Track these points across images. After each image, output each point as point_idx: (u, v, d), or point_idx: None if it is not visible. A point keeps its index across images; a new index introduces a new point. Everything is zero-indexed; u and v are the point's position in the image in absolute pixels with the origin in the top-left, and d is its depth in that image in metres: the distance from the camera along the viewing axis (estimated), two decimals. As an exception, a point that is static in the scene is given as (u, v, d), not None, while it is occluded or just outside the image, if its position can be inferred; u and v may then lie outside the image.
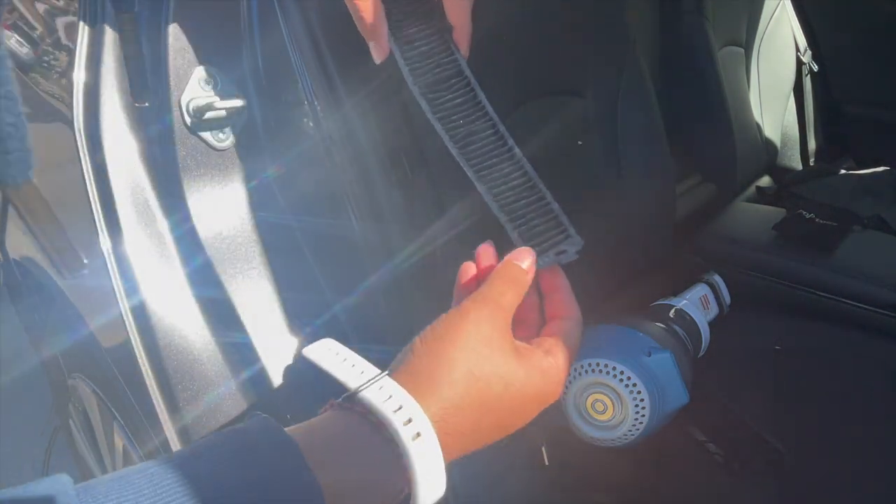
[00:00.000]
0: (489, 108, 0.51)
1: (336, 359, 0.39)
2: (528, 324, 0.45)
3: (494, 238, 0.48)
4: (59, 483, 0.27)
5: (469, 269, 0.45)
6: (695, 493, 0.76)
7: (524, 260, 0.43)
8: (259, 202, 0.66)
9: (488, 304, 0.39)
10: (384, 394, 0.35)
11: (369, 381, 0.36)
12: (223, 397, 0.62)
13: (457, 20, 0.51)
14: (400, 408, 0.34)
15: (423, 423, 0.34)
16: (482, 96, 0.51)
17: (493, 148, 0.50)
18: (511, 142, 0.50)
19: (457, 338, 0.37)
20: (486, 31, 0.78)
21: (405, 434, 0.33)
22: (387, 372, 0.37)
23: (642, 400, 0.71)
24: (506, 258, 0.43)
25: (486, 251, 0.45)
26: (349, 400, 0.36)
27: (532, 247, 0.45)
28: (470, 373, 0.36)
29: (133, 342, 0.62)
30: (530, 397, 0.39)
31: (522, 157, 0.50)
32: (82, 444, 1.15)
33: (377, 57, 0.50)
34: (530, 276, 0.43)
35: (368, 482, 0.33)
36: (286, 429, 0.33)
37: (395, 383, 0.35)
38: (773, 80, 1.67)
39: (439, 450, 0.34)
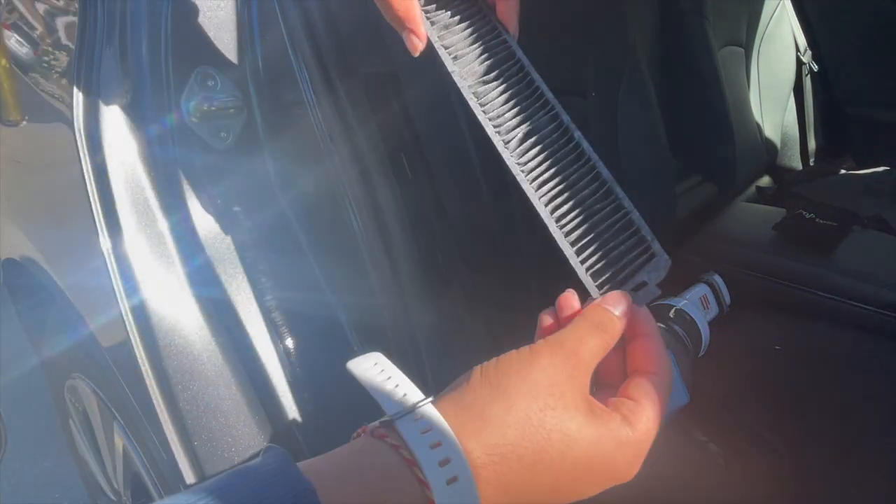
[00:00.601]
0: (549, 96, 0.42)
1: (380, 376, 0.35)
2: (611, 387, 0.38)
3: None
4: None
5: (546, 320, 0.40)
6: (695, 493, 0.76)
7: (617, 306, 0.37)
8: (259, 202, 0.66)
9: (564, 349, 0.34)
10: (422, 425, 0.30)
11: (408, 407, 0.31)
12: (223, 397, 0.62)
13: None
14: (438, 444, 0.29)
15: (462, 466, 0.29)
16: (540, 82, 0.43)
17: (557, 149, 0.41)
18: (578, 135, 0.41)
19: (522, 378, 0.32)
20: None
21: (438, 477, 0.28)
22: (431, 399, 0.32)
23: (642, 400, 0.71)
24: (596, 301, 0.37)
25: (567, 300, 0.39)
26: (384, 427, 0.31)
27: (609, 279, 0.38)
28: (528, 420, 0.31)
29: (133, 342, 0.62)
30: (597, 467, 0.33)
31: (593, 154, 0.41)
32: (82, 444, 1.15)
33: (414, 48, 0.42)
34: (621, 327, 0.36)
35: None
36: (307, 462, 0.29)
37: (438, 414, 0.31)
38: (773, 80, 1.67)
39: (477, 500, 0.29)
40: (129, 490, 0.99)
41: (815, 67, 1.74)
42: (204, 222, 0.63)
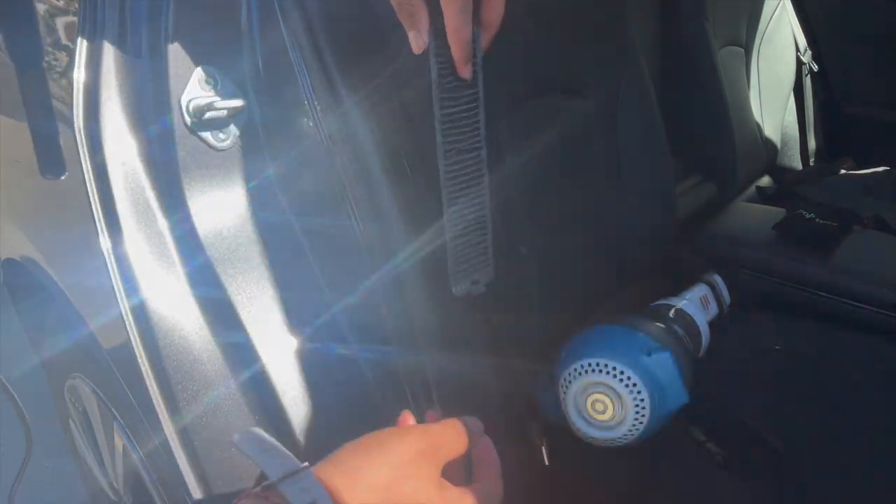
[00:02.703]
0: (482, 130, 0.51)
1: (261, 448, 0.39)
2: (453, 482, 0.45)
3: None
4: None
5: (407, 418, 0.49)
6: (695, 493, 0.76)
7: (476, 428, 0.45)
8: (259, 202, 0.66)
9: (429, 438, 0.41)
10: (303, 485, 0.35)
11: (289, 471, 0.36)
12: (223, 397, 0.62)
13: (489, 18, 0.49)
14: (313, 501, 0.34)
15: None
16: (482, 115, 0.51)
17: (471, 172, 0.51)
18: (485, 169, 0.51)
19: (391, 449, 0.39)
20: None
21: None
22: (309, 465, 0.37)
23: (642, 400, 0.71)
24: (463, 418, 0.45)
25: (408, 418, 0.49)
26: (267, 489, 0.36)
27: (455, 269, 0.47)
28: (392, 485, 0.37)
29: (133, 342, 0.62)
30: None
31: (487, 186, 0.51)
32: (82, 444, 1.15)
33: (416, 47, 0.48)
34: (473, 442, 0.45)
35: None
36: None
37: (314, 479, 0.36)
38: (773, 80, 1.67)
39: None
40: (129, 490, 0.99)
41: (815, 67, 1.74)
42: (204, 222, 0.63)
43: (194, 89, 0.61)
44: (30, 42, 0.80)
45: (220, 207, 0.64)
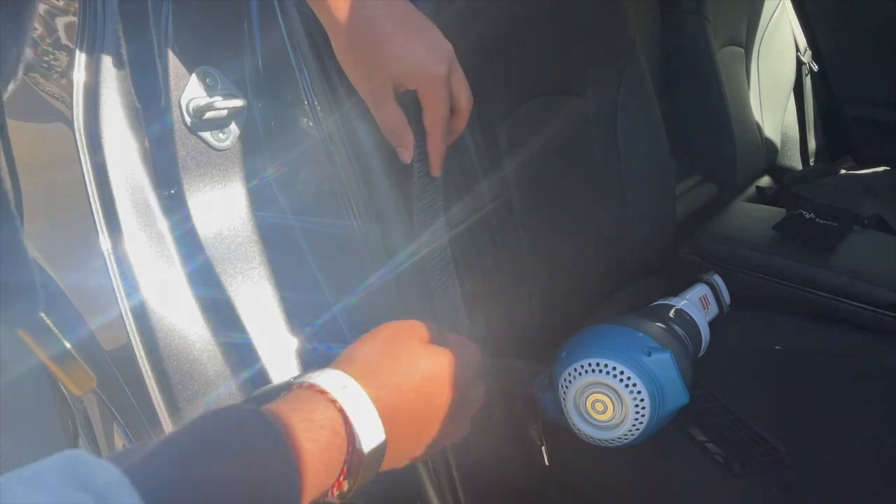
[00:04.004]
0: (441, 202, 0.63)
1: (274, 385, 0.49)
2: None
3: None
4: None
5: None
6: (695, 493, 0.76)
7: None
8: (259, 202, 0.66)
9: (416, 329, 0.51)
10: (326, 375, 0.44)
11: (313, 371, 0.45)
12: (223, 397, 0.62)
13: (457, 129, 0.60)
14: (330, 378, 0.44)
15: (355, 386, 0.43)
16: (441, 198, 0.63)
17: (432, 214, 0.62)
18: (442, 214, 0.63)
19: (377, 334, 0.50)
20: (487, 31, 0.78)
21: (335, 385, 0.43)
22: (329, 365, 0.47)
23: (642, 400, 0.71)
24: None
25: None
26: (300, 382, 0.44)
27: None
28: (394, 360, 0.47)
29: (133, 342, 0.62)
30: (436, 375, 0.48)
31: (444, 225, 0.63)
32: (82, 444, 1.15)
33: (405, 160, 0.58)
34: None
35: (315, 422, 0.41)
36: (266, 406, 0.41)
37: (333, 370, 0.45)
38: (773, 80, 1.67)
39: (364, 393, 0.43)
40: (129, 490, 0.99)
41: (815, 67, 1.74)
42: (204, 222, 0.63)
43: (194, 89, 0.61)
44: (30, 42, 0.80)
45: (220, 207, 0.64)
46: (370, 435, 0.42)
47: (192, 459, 0.34)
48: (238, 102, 0.63)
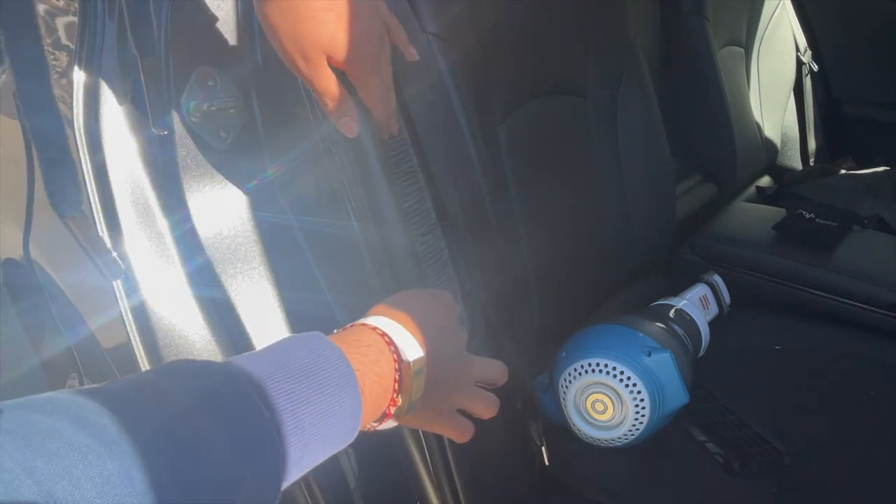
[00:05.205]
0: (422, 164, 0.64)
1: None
2: None
3: None
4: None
5: None
6: (695, 493, 0.76)
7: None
8: (259, 202, 0.66)
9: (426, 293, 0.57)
10: (368, 320, 0.50)
11: (356, 322, 0.50)
12: (223, 397, 0.62)
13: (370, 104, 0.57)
14: (361, 320, 0.50)
15: (373, 318, 0.49)
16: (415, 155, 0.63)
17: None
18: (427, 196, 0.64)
19: (408, 293, 0.55)
20: (488, 31, 0.78)
21: (368, 321, 0.49)
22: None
23: (642, 400, 0.71)
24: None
25: None
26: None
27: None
28: (405, 295, 0.54)
29: (133, 342, 0.62)
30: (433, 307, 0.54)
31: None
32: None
33: (352, 130, 0.56)
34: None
35: (362, 342, 0.47)
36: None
37: (374, 316, 0.50)
38: (773, 80, 1.67)
39: (394, 322, 0.48)
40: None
41: (815, 67, 1.74)
42: (204, 222, 0.63)
43: (194, 89, 0.61)
44: (30, 42, 0.80)
45: (220, 207, 0.64)
46: (411, 349, 0.47)
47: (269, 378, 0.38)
48: (238, 102, 0.63)
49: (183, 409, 0.33)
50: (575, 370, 0.73)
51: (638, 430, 0.72)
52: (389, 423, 0.49)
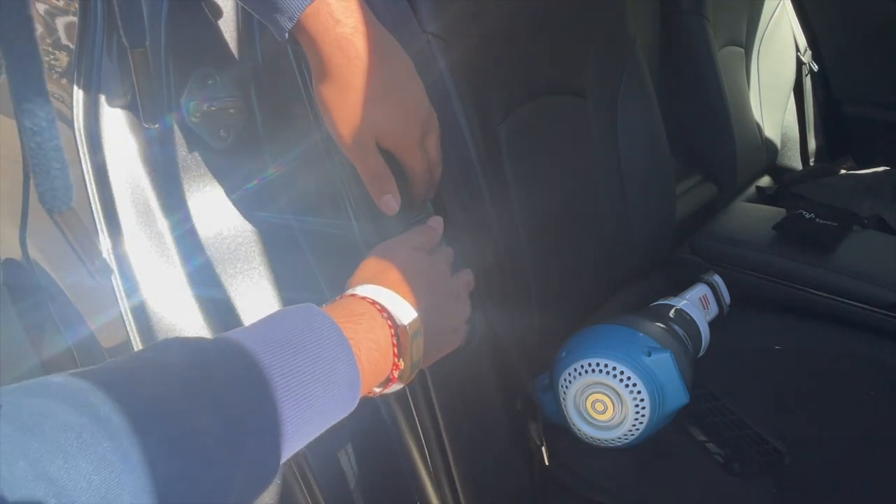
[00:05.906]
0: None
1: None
2: None
3: None
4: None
5: None
6: (695, 493, 0.76)
7: (438, 223, 0.61)
8: (259, 202, 0.66)
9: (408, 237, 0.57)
10: (364, 288, 0.50)
11: (348, 290, 0.51)
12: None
13: (410, 176, 0.59)
14: (348, 291, 0.50)
15: (358, 287, 0.50)
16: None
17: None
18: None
19: (386, 247, 0.55)
20: (487, 31, 0.78)
21: (355, 291, 0.49)
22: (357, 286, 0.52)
23: (642, 400, 0.71)
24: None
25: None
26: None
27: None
28: (384, 252, 0.54)
29: (133, 342, 0.62)
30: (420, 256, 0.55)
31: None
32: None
33: (392, 209, 0.58)
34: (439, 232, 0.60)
35: (354, 312, 0.47)
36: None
37: (362, 285, 0.50)
38: (773, 80, 1.67)
39: (381, 287, 0.49)
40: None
41: (815, 67, 1.74)
42: (204, 222, 0.63)
43: (194, 89, 0.61)
44: (30, 42, 0.80)
45: (220, 207, 0.64)
46: (403, 312, 0.47)
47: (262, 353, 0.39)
48: (238, 102, 0.63)
49: (177, 384, 0.33)
50: (575, 370, 0.73)
51: (638, 430, 0.72)
52: (396, 387, 0.49)
